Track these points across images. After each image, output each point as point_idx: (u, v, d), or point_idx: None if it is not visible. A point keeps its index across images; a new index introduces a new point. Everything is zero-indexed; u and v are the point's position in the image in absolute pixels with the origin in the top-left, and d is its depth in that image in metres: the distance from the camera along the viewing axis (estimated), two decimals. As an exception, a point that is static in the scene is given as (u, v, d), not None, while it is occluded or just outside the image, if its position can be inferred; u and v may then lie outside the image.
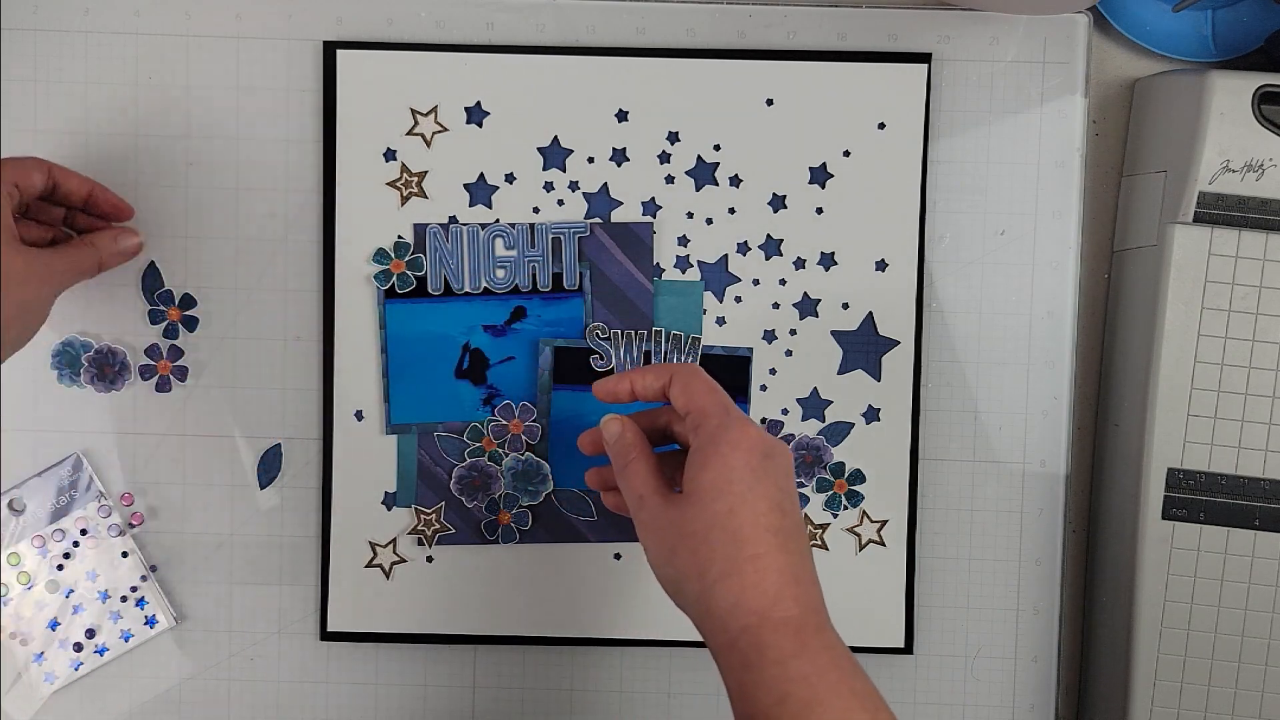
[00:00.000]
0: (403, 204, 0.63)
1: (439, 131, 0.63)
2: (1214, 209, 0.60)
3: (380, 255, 0.63)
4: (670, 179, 0.63)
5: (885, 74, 0.63)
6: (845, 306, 0.64)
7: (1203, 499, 0.61)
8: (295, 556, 0.64)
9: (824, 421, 0.64)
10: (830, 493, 0.64)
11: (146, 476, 0.64)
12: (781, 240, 0.63)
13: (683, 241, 0.63)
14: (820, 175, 0.63)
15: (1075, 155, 0.64)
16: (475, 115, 0.63)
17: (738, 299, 0.64)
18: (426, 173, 0.63)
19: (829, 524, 0.64)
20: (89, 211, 0.60)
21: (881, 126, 0.63)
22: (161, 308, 0.63)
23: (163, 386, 0.63)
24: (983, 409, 0.64)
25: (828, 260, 0.63)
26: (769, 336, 0.64)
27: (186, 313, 0.63)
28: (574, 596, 0.64)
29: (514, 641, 0.64)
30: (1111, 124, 0.65)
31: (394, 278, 0.63)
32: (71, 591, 0.63)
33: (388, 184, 0.63)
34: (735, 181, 0.63)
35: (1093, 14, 0.63)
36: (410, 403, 0.63)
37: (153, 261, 0.63)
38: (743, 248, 0.63)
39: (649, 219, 0.63)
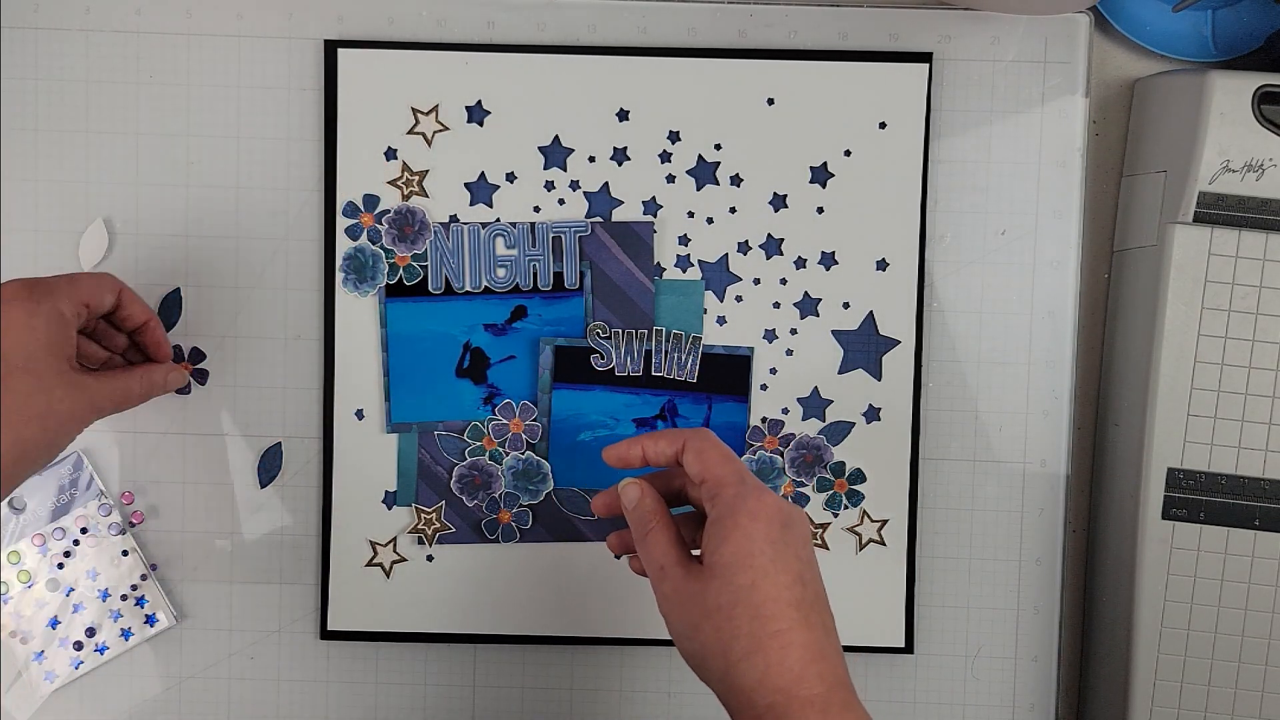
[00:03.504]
0: (404, 201, 0.63)
1: (440, 130, 0.63)
2: (1214, 209, 0.60)
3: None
4: (671, 178, 0.63)
5: (886, 73, 0.63)
6: (846, 306, 0.64)
7: (1203, 499, 0.61)
8: (295, 555, 0.64)
9: (824, 421, 0.64)
10: (830, 492, 0.64)
11: (147, 475, 0.64)
12: (782, 240, 0.63)
13: (683, 241, 0.63)
14: (821, 175, 0.63)
15: (1076, 155, 0.64)
16: (476, 114, 0.63)
17: (738, 298, 0.64)
18: (427, 171, 0.63)
19: (829, 524, 0.64)
20: (134, 339, 0.60)
21: (882, 126, 0.63)
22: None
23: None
24: (983, 409, 0.64)
25: (828, 260, 0.64)
26: (769, 336, 0.64)
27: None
28: (574, 596, 0.64)
29: (514, 641, 0.64)
30: (1111, 124, 0.66)
31: (400, 271, 0.63)
32: (72, 590, 0.63)
33: (388, 183, 0.63)
34: (736, 181, 0.63)
35: (1093, 14, 0.63)
36: (411, 402, 0.63)
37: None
38: (743, 247, 0.64)
39: (650, 218, 0.63)
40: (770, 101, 0.63)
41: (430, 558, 0.64)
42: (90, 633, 0.63)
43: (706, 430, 0.52)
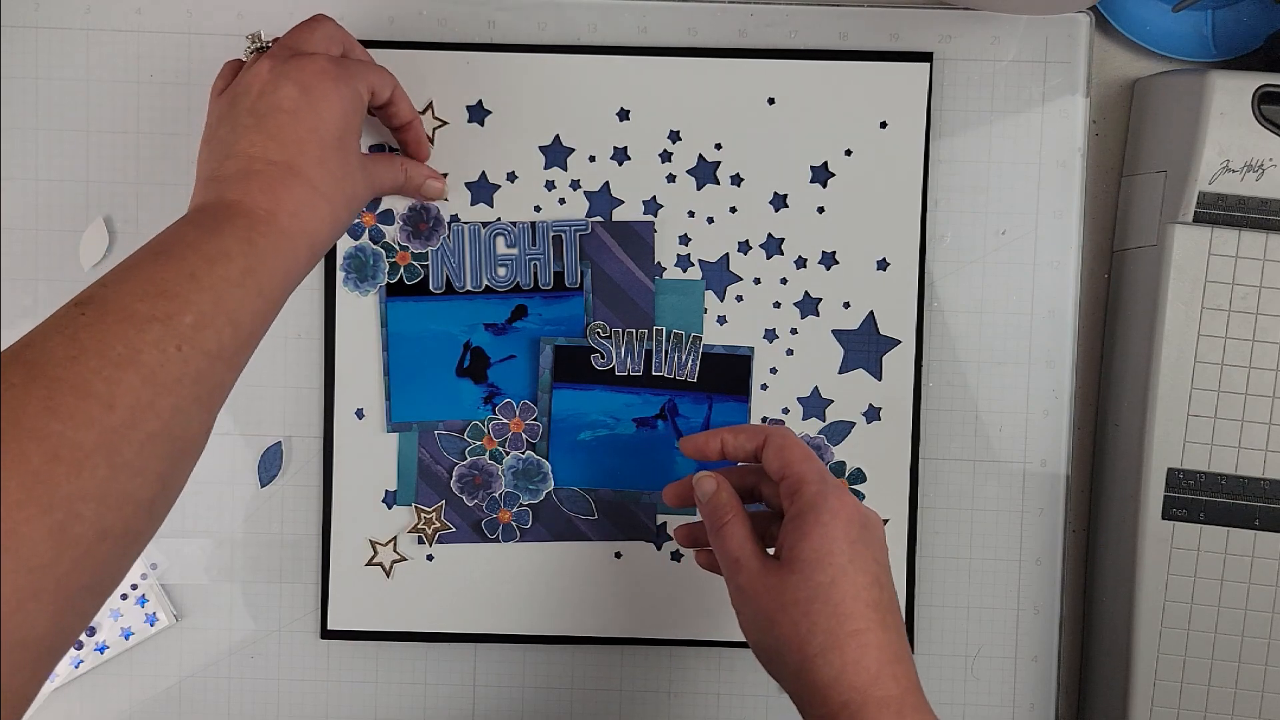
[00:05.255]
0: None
1: (440, 129, 0.63)
2: (1214, 209, 0.60)
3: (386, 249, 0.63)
4: (671, 178, 0.63)
5: (887, 73, 0.63)
6: (846, 306, 0.64)
7: (1203, 499, 0.61)
8: (296, 554, 0.64)
9: (825, 421, 0.64)
10: (831, 492, 0.64)
11: (147, 474, 0.64)
12: (783, 239, 0.63)
13: (684, 240, 0.64)
14: (821, 174, 0.63)
15: (1076, 155, 0.64)
16: (477, 114, 0.63)
17: (739, 298, 0.64)
18: (445, 175, 0.63)
19: (829, 523, 0.64)
20: (396, 136, 0.61)
21: (883, 126, 0.63)
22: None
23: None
24: (983, 408, 0.64)
25: (829, 259, 0.64)
26: (770, 335, 0.64)
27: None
28: (574, 595, 0.64)
29: (514, 640, 0.64)
30: (1111, 124, 0.66)
31: (401, 270, 0.63)
32: (71, 589, 0.63)
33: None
34: (736, 180, 0.63)
35: (1093, 14, 0.63)
36: (411, 401, 0.63)
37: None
38: (744, 247, 0.64)
39: (650, 218, 0.63)
40: (771, 101, 0.63)
41: (430, 557, 0.64)
42: (90, 632, 0.63)
43: (787, 428, 0.53)
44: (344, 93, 0.53)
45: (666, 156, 0.63)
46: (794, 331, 0.64)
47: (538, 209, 0.63)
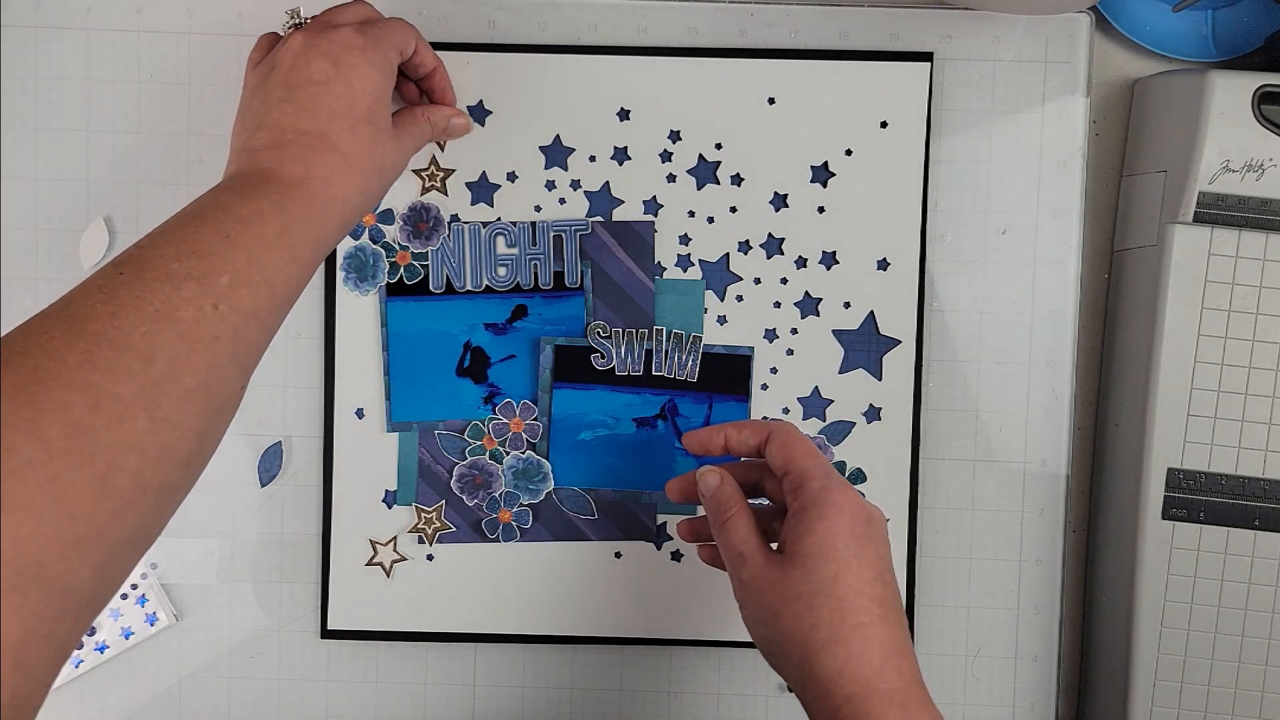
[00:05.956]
0: (421, 196, 0.63)
1: (441, 129, 0.63)
2: (1214, 209, 0.60)
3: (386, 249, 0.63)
4: (672, 178, 0.63)
5: (887, 73, 0.63)
6: (846, 305, 0.64)
7: (1203, 499, 0.61)
8: (296, 554, 0.64)
9: (825, 421, 0.64)
10: (831, 492, 0.64)
11: (147, 474, 0.64)
12: (783, 239, 0.63)
13: (684, 240, 0.64)
14: (822, 174, 0.63)
15: (1077, 154, 0.64)
16: (477, 114, 0.63)
17: (739, 298, 0.64)
18: (454, 171, 0.63)
19: (829, 523, 0.64)
20: (421, 85, 0.61)
21: (883, 125, 0.63)
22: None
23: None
24: (984, 408, 0.64)
25: (829, 259, 0.64)
26: (770, 335, 0.64)
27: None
28: (574, 595, 0.64)
29: (514, 640, 0.64)
30: (1111, 124, 0.66)
31: (401, 270, 0.63)
32: (71, 589, 0.63)
33: (414, 170, 0.63)
34: (737, 180, 0.63)
35: (1093, 14, 0.64)
36: (411, 401, 0.63)
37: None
38: (744, 246, 0.64)
39: (650, 217, 0.63)
40: (771, 101, 0.63)
41: (430, 557, 0.64)
42: (90, 632, 0.63)
43: (791, 424, 0.53)
44: (375, 61, 0.53)
45: (667, 156, 0.63)
46: (794, 331, 0.64)
47: (538, 209, 0.63)
